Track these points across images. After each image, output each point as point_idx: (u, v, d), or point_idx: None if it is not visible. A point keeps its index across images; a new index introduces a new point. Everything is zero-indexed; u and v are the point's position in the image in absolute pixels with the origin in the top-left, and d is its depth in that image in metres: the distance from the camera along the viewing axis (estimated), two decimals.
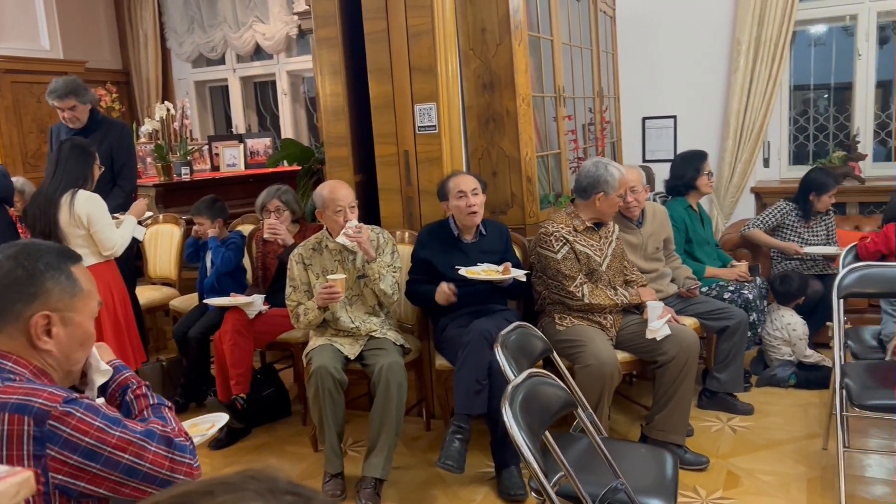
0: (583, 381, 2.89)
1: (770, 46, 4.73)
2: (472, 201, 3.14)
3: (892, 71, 5.15)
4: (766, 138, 5.09)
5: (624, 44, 5.14)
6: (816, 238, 4.18)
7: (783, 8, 4.64)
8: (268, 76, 7.21)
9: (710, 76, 5.08)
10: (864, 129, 5.00)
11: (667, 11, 5.10)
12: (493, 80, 3.50)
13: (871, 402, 2.68)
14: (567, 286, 3.09)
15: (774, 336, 3.89)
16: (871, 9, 4.85)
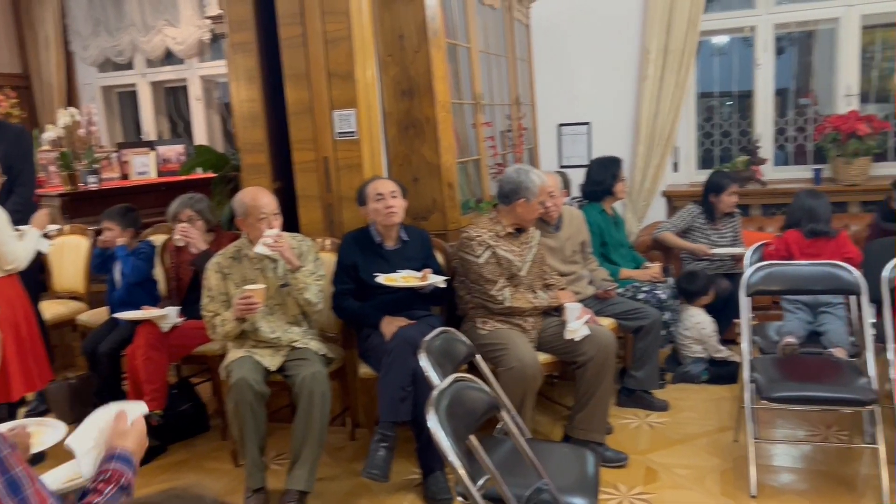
0: (506, 384, 2.92)
1: (677, 55, 4.92)
2: (391, 203, 3.13)
3: (788, 79, 5.45)
4: (675, 144, 5.29)
5: (539, 52, 5.25)
6: (724, 239, 4.38)
7: (688, 18, 4.85)
8: (180, 81, 6.99)
9: (621, 84, 5.25)
10: (765, 134, 5.27)
11: (579, 21, 5.24)
12: (412, 87, 3.51)
13: (777, 394, 2.82)
14: (489, 290, 3.12)
15: (686, 335, 4.05)
16: (768, 21, 5.12)
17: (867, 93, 5.22)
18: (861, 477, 2.96)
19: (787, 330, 3.34)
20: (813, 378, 2.95)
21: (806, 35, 5.36)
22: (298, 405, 2.89)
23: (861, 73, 5.12)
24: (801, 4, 5.14)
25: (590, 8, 5.20)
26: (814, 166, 5.10)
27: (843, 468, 3.04)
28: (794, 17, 5.15)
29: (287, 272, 3.08)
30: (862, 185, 4.81)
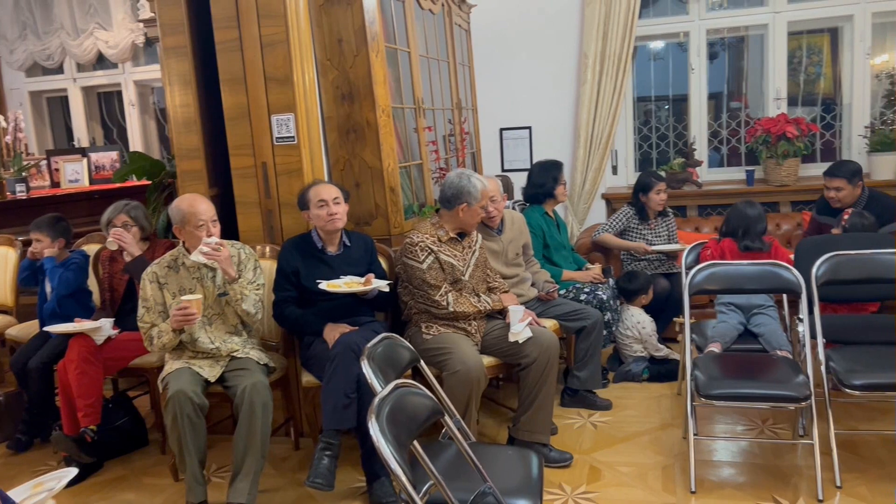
0: (451, 388, 2.93)
1: (614, 60, 5.02)
2: (334, 209, 3.10)
3: (721, 84, 5.61)
4: (614, 147, 5.39)
5: (480, 57, 5.28)
6: (659, 238, 4.48)
7: (624, 24, 4.95)
8: (113, 86, 6.80)
9: (561, 88, 5.32)
10: (700, 137, 5.41)
11: (518, 26, 5.29)
12: (352, 91, 3.48)
13: (715, 392, 2.88)
14: (432, 295, 3.12)
15: (627, 334, 4.12)
16: (701, 27, 5.27)
17: (796, 96, 5.41)
18: (796, 469, 3.05)
19: (718, 333, 3.42)
20: (751, 376, 3.02)
21: (738, 41, 5.53)
22: (239, 416, 2.83)
23: (789, 78, 5.30)
24: (732, 11, 5.31)
25: (528, 14, 5.26)
26: (746, 168, 5.26)
27: (779, 461, 3.13)
28: (724, 24, 5.31)
29: (225, 282, 3.01)
30: (792, 186, 4.98)
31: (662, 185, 4.40)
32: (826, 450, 2.90)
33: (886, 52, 5.29)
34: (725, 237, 3.65)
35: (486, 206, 3.42)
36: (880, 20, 5.11)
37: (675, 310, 4.19)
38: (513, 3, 5.26)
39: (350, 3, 3.40)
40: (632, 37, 4.97)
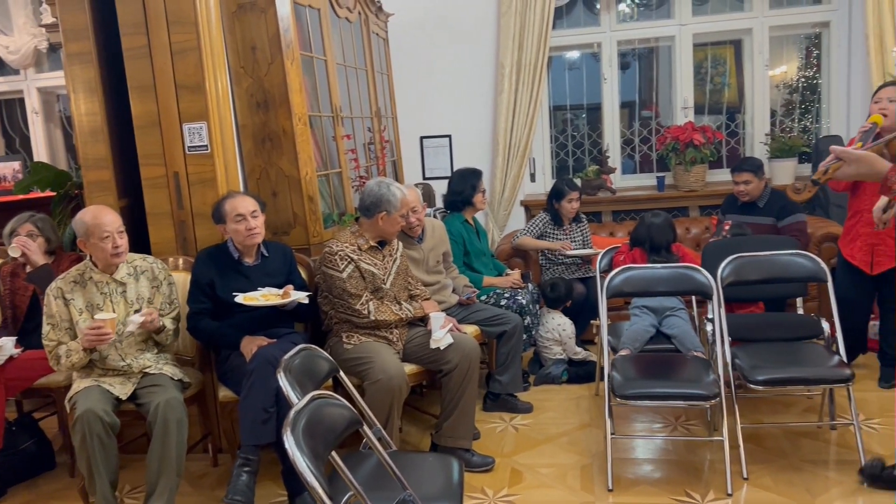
0: (372, 397, 2.92)
1: (529, 70, 5.12)
2: (252, 224, 3.04)
3: (633, 93, 5.80)
4: (532, 155, 5.49)
5: (398, 65, 5.30)
6: (575, 243, 4.60)
7: (538, 35, 5.06)
8: (15, 93, 6.47)
9: (479, 97, 5.39)
10: (613, 145, 5.58)
11: (436, 35, 5.33)
12: (267, 99, 3.44)
13: (630, 391, 2.97)
14: (353, 305, 3.10)
15: (546, 337, 4.20)
16: (612, 38, 5.44)
17: (703, 105, 5.65)
18: (708, 463, 3.18)
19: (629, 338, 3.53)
20: (664, 376, 3.13)
21: (648, 51, 5.74)
22: (152, 434, 2.74)
23: (697, 87, 5.54)
24: (641, 23, 5.50)
25: (446, 23, 5.31)
26: (657, 174, 5.45)
27: (693, 457, 3.25)
28: (634, 35, 5.50)
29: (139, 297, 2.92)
30: (700, 191, 5.19)
31: (575, 193, 4.51)
32: (734, 444, 3.03)
33: (785, 63, 5.59)
34: (635, 247, 3.77)
35: (407, 214, 3.44)
36: (778, 34, 5.40)
37: (592, 313, 4.30)
38: (430, 13, 5.30)
39: (263, 11, 3.35)
40: (546, 47, 5.09)
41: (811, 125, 5.52)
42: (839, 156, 1.93)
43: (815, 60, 5.47)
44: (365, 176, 4.31)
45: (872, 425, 3.38)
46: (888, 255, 3.60)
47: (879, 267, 3.64)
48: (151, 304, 3.00)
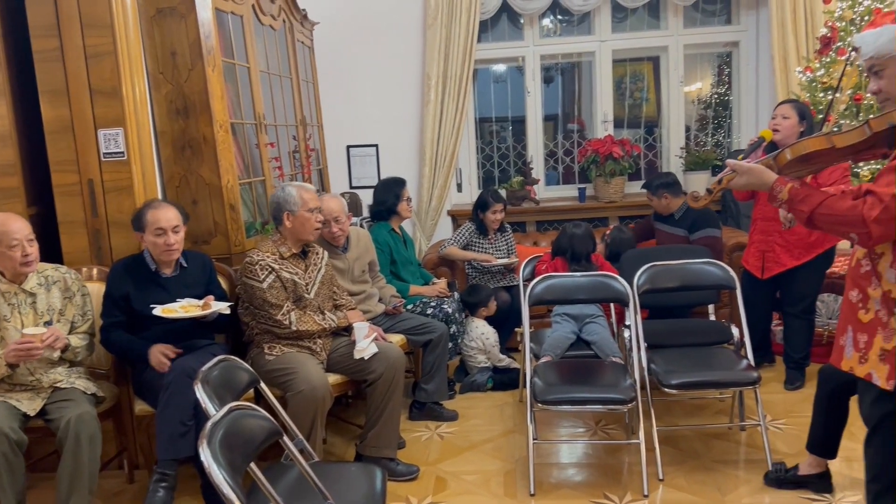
0: (295, 408, 2.89)
1: (455, 82, 5.18)
2: (172, 240, 2.96)
3: (556, 106, 5.95)
4: (458, 165, 5.56)
5: (324, 74, 5.28)
6: (499, 252, 4.67)
7: (464, 47, 5.13)
8: None
9: (406, 107, 5.42)
10: (537, 157, 5.70)
11: (362, 45, 5.34)
12: (187, 106, 3.37)
13: (551, 397, 3.04)
14: (274, 315, 3.06)
15: (471, 346, 4.25)
16: (535, 52, 5.57)
17: (622, 119, 5.84)
18: (626, 466, 3.28)
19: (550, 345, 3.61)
20: (583, 381, 3.21)
21: (571, 66, 5.89)
22: (63, 451, 2.63)
23: (618, 102, 5.72)
24: (563, 38, 5.65)
25: (372, 33, 5.33)
26: (579, 185, 5.60)
27: (612, 460, 3.34)
28: (557, 50, 5.64)
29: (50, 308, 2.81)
30: (619, 202, 5.36)
31: (499, 205, 4.59)
32: (650, 446, 3.14)
33: (699, 80, 5.84)
34: (556, 256, 3.87)
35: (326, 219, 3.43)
36: (692, 52, 5.64)
37: (516, 321, 4.37)
38: (356, 23, 5.30)
39: (184, 16, 3.29)
40: (471, 59, 5.17)
41: (723, 139, 5.79)
42: (733, 167, 2.06)
43: (727, 78, 5.74)
44: None
45: (779, 425, 3.55)
46: (777, 261, 3.86)
47: (769, 272, 3.92)
48: (63, 316, 2.89)
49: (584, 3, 5.25)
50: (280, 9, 4.32)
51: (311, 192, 3.27)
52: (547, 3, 5.27)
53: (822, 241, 3.79)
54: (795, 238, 3.79)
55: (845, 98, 4.27)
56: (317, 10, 4.99)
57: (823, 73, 4.41)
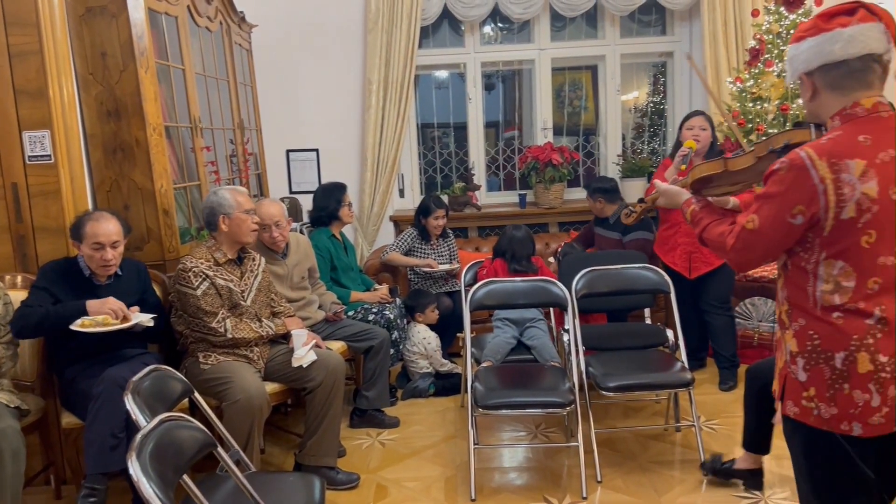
0: (232, 418, 2.83)
1: (397, 87, 5.17)
2: (109, 255, 2.86)
3: (498, 113, 6.00)
4: (400, 171, 5.55)
5: (263, 77, 5.20)
6: (441, 258, 4.68)
7: (405, 53, 5.13)
8: None
9: (346, 112, 5.38)
10: (478, 163, 5.74)
11: (302, 49, 5.28)
12: (118, 108, 3.27)
13: (491, 402, 3.05)
14: (208, 323, 2.99)
15: (413, 351, 4.24)
16: (476, 59, 5.61)
17: (562, 126, 5.92)
18: (566, 469, 3.31)
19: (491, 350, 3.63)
20: (523, 385, 3.24)
21: (512, 74, 5.95)
22: None
23: (558, 109, 5.80)
24: (503, 46, 5.71)
25: (312, 37, 5.28)
26: (520, 192, 5.66)
27: (552, 463, 3.38)
28: (497, 57, 5.69)
29: None
30: (559, 208, 5.43)
31: (441, 211, 4.60)
32: (589, 448, 3.18)
33: (636, 89, 5.98)
34: (497, 258, 3.90)
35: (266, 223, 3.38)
36: (629, 61, 5.76)
37: (459, 326, 4.38)
38: (296, 26, 5.24)
39: (115, 16, 3.20)
40: (413, 65, 5.17)
41: (659, 147, 5.93)
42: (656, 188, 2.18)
43: (662, 87, 5.89)
44: None
45: (712, 426, 3.65)
46: (704, 261, 4.00)
47: (697, 272, 4.06)
48: None
49: (524, 12, 5.31)
50: (217, 10, 4.24)
51: (245, 194, 3.22)
52: (487, 11, 5.31)
53: None
54: None
55: (773, 108, 4.43)
56: (255, 13, 4.91)
57: (752, 84, 4.56)
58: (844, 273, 1.62)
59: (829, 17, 1.65)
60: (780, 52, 4.47)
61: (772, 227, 1.66)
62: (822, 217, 1.60)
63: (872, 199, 1.58)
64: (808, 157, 1.60)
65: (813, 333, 1.66)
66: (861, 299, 1.62)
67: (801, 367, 1.69)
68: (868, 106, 1.64)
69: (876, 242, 1.60)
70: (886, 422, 1.62)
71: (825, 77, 1.67)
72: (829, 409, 1.64)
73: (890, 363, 1.60)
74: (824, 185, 1.58)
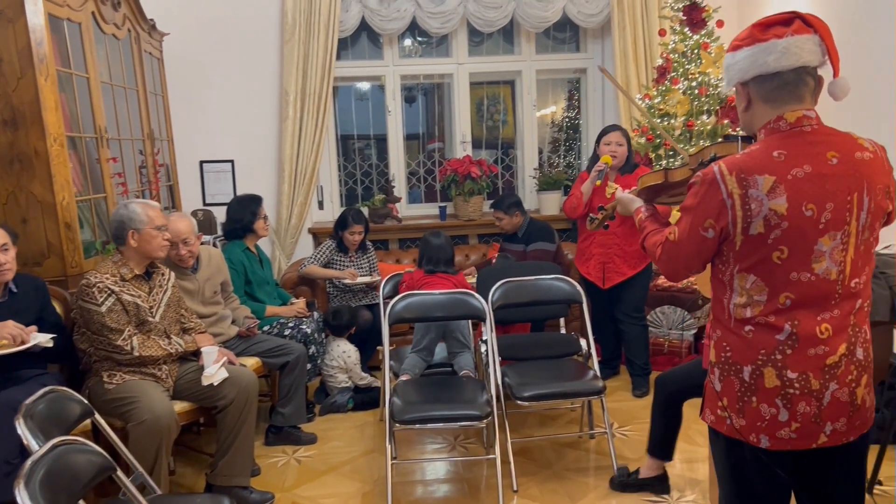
0: (137, 440, 2.73)
1: (314, 98, 5.12)
2: (2, 259, 2.73)
3: (418, 125, 6.02)
4: (319, 182, 5.49)
5: (175, 87, 5.05)
6: (361, 270, 4.65)
7: (322, 64, 5.09)
8: None
9: (263, 123, 5.29)
10: (399, 175, 5.74)
11: (216, 58, 5.17)
12: (15, 117, 3.11)
13: (408, 416, 3.04)
14: (114, 340, 2.88)
15: (332, 365, 4.18)
16: (395, 72, 5.62)
17: (482, 140, 6.00)
18: (484, 480, 3.33)
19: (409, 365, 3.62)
20: (441, 398, 3.23)
21: (433, 87, 5.99)
22: None
23: (477, 123, 5.87)
24: (422, 60, 5.74)
25: (227, 46, 5.17)
26: (440, 204, 5.69)
27: (470, 475, 3.39)
28: (416, 70, 5.72)
29: None
30: (478, 220, 5.49)
31: (358, 227, 4.56)
32: (506, 459, 3.21)
33: (553, 104, 6.12)
34: (419, 266, 3.91)
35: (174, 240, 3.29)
36: (545, 77, 5.90)
37: (378, 339, 4.35)
38: (209, 35, 5.13)
39: (11, 21, 3.05)
40: (330, 77, 5.13)
41: (574, 161, 6.08)
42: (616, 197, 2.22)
43: (577, 103, 6.05)
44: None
45: (624, 432, 3.75)
46: (617, 272, 4.14)
47: (610, 282, 4.20)
48: None
49: (442, 26, 5.36)
50: (125, 17, 4.10)
51: (157, 208, 3.12)
52: (405, 25, 5.34)
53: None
54: (633, 248, 4.08)
55: (679, 124, 4.61)
56: (167, 21, 4.78)
57: (660, 101, 4.74)
58: (757, 287, 1.62)
59: (765, 28, 1.62)
60: (686, 71, 4.66)
61: (688, 239, 1.67)
62: (731, 231, 1.60)
63: (781, 216, 1.55)
64: (720, 172, 1.59)
65: (726, 345, 1.69)
66: (772, 313, 1.61)
67: (717, 377, 1.71)
68: (792, 120, 1.61)
69: (788, 258, 1.58)
70: (798, 437, 1.62)
71: (759, 88, 1.64)
72: (738, 420, 1.66)
73: (799, 379, 1.60)
74: (732, 199, 1.57)
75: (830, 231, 1.58)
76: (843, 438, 1.64)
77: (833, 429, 1.63)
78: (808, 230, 1.57)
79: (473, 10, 5.35)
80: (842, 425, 1.63)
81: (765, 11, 5.00)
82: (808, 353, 1.60)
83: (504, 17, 5.40)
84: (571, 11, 5.43)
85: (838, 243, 1.59)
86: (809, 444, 1.63)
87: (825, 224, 1.57)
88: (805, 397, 1.61)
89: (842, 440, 1.64)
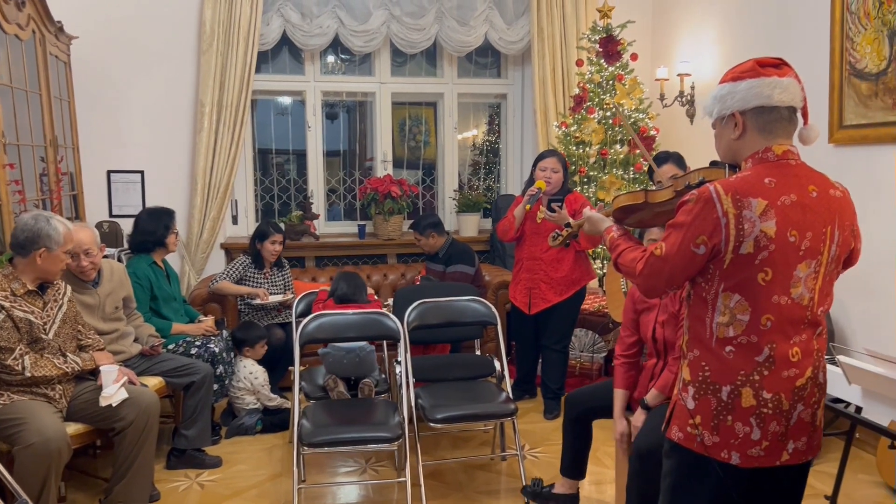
0: (24, 463, 2.57)
1: (231, 111, 5.00)
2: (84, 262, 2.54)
3: (339, 142, 5.97)
4: (234, 197, 5.35)
5: (83, 92, 4.83)
6: (275, 287, 4.55)
7: (241, 77, 4.98)
8: None
9: (176, 134, 5.13)
10: (317, 192, 5.67)
11: (128, 65, 4.99)
12: None
13: (317, 439, 2.97)
14: (4, 360, 2.70)
15: (238, 387, 4.05)
16: (316, 88, 5.57)
17: (405, 159, 6.00)
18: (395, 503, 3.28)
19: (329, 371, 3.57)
20: (352, 420, 3.17)
21: (356, 104, 5.96)
22: None
23: (401, 143, 5.87)
24: (345, 77, 5.72)
25: (140, 54, 5.00)
26: (359, 222, 5.64)
27: (380, 498, 3.35)
28: (338, 87, 5.69)
29: None
30: (397, 240, 5.48)
31: (278, 236, 4.49)
32: (416, 482, 3.17)
33: (475, 127, 6.19)
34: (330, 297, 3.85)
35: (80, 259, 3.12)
36: (467, 100, 5.97)
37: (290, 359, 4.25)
38: (121, 41, 4.94)
39: None
40: (249, 90, 5.03)
41: (494, 184, 6.16)
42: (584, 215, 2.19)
43: (497, 127, 6.14)
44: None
45: (536, 454, 3.78)
46: (542, 298, 4.18)
47: (536, 307, 4.22)
48: None
49: (365, 45, 5.35)
50: (30, 18, 3.90)
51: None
52: (327, 41, 5.30)
53: (581, 278, 4.15)
54: (560, 276, 4.12)
55: (594, 152, 4.74)
56: (75, 24, 4.57)
57: (576, 129, 4.86)
58: (740, 306, 1.68)
59: (763, 66, 1.73)
60: (601, 101, 4.81)
61: (676, 255, 1.72)
62: (723, 249, 1.66)
63: (770, 238, 1.64)
64: (716, 191, 1.66)
65: (705, 365, 1.74)
66: (753, 333, 1.68)
67: (690, 396, 1.76)
68: (779, 153, 1.71)
69: (772, 281, 1.66)
70: (766, 455, 1.70)
71: (757, 119, 1.73)
72: (711, 438, 1.72)
73: (773, 400, 1.67)
74: (727, 218, 1.64)
75: (807, 259, 1.68)
76: (802, 457, 1.75)
77: (795, 447, 1.73)
78: (790, 255, 1.66)
79: (397, 31, 5.36)
80: (802, 444, 1.74)
81: (678, 47, 5.24)
82: (783, 374, 1.69)
83: (427, 40, 5.44)
84: (493, 38, 5.53)
85: (812, 271, 1.69)
86: (774, 462, 1.72)
87: (804, 251, 1.68)
88: (776, 417, 1.69)
89: (801, 459, 1.75)
